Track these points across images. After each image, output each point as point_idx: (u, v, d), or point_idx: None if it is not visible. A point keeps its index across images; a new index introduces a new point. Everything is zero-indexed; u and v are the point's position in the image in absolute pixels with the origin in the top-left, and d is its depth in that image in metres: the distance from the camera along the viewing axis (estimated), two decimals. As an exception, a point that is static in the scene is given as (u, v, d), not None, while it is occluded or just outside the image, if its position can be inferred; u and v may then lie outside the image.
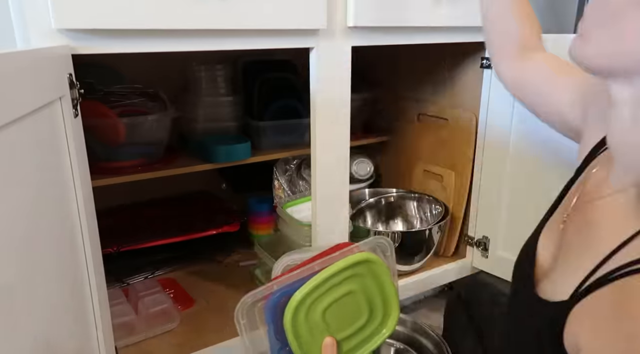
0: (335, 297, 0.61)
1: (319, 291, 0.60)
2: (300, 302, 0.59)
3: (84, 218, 0.58)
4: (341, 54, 0.81)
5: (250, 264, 1.13)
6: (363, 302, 0.63)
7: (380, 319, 0.65)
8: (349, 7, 0.78)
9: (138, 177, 0.97)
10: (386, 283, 0.64)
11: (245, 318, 0.61)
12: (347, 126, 0.86)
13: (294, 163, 1.23)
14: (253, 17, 0.69)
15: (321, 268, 0.60)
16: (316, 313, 0.60)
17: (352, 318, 0.63)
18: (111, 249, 1.02)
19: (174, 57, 1.13)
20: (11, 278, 0.40)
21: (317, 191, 0.86)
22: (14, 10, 0.59)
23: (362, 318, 0.63)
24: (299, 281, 0.60)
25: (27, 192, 0.44)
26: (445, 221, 1.10)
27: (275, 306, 0.60)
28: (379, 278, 0.63)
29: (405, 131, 1.30)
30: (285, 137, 1.15)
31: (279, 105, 1.14)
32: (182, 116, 1.07)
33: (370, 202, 1.26)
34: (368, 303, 0.63)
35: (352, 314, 0.63)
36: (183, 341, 0.87)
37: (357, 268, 0.61)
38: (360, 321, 0.63)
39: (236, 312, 0.61)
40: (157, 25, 0.62)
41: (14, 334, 0.40)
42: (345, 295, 0.62)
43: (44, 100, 0.48)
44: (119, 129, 0.95)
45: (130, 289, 1.00)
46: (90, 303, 0.61)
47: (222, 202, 1.27)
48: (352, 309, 0.63)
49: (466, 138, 1.10)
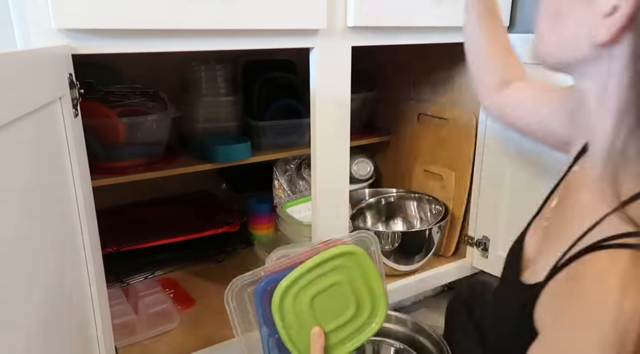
0: (322, 287, 0.62)
1: (306, 279, 0.61)
2: (286, 288, 0.60)
3: (84, 218, 0.58)
4: (341, 54, 0.81)
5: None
6: (350, 294, 0.64)
7: (369, 312, 0.66)
8: (349, 7, 0.78)
9: (138, 177, 0.97)
10: (372, 276, 0.65)
11: (234, 301, 0.63)
12: (347, 126, 0.86)
13: (294, 163, 1.23)
14: (253, 17, 0.69)
15: (306, 259, 0.62)
16: (303, 303, 0.62)
17: (339, 310, 0.64)
18: (111, 249, 1.02)
19: (174, 57, 1.14)
20: (11, 278, 0.40)
21: (317, 191, 0.86)
22: (14, 10, 0.59)
23: (349, 310, 0.64)
24: (287, 270, 0.62)
25: (27, 192, 0.44)
26: (446, 221, 1.10)
27: (263, 292, 0.61)
28: (365, 270, 0.64)
29: (405, 131, 1.30)
30: (285, 137, 1.15)
31: (279, 105, 1.14)
32: (182, 116, 1.07)
33: (370, 202, 1.26)
34: (355, 295, 0.64)
35: (340, 305, 0.64)
36: (183, 341, 0.87)
37: (342, 259, 0.63)
38: (347, 313, 0.64)
39: (226, 294, 0.63)
40: (157, 25, 0.62)
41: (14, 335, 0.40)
42: (332, 286, 0.63)
43: (44, 100, 0.48)
44: (119, 129, 0.95)
45: (130, 289, 1.00)
46: (90, 303, 0.61)
47: (222, 202, 1.27)
48: (339, 301, 0.64)
49: (466, 138, 1.10)
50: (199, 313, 0.97)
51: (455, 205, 1.15)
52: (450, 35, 0.92)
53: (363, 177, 1.33)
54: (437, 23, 0.88)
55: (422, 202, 1.23)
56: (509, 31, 0.99)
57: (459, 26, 0.91)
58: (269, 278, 0.62)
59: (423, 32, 0.89)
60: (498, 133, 1.01)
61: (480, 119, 1.05)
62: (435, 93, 1.20)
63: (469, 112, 1.09)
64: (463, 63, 1.10)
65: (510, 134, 0.98)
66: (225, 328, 0.90)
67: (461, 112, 1.12)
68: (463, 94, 1.12)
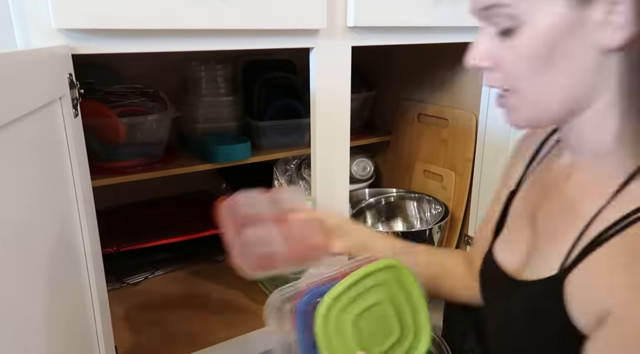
0: (364, 307, 0.55)
1: (349, 296, 0.54)
2: (332, 301, 0.52)
3: (84, 218, 0.58)
4: (341, 54, 0.81)
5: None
6: (392, 315, 0.56)
7: (412, 337, 0.57)
8: (349, 7, 0.78)
9: (138, 177, 0.97)
10: (415, 294, 0.57)
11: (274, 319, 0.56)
12: (347, 126, 0.86)
13: (294, 163, 1.23)
14: (253, 17, 0.69)
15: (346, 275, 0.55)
16: (348, 323, 0.54)
17: (383, 333, 0.56)
18: (111, 249, 1.02)
19: (174, 57, 1.14)
20: (10, 278, 0.40)
21: (317, 191, 0.86)
22: (14, 10, 0.59)
23: (393, 334, 0.56)
24: (328, 284, 0.54)
25: (26, 192, 0.44)
26: (445, 221, 1.10)
27: (305, 308, 0.53)
28: (406, 287, 0.57)
29: (405, 131, 1.30)
30: (285, 137, 1.15)
31: (279, 105, 1.14)
32: (182, 116, 1.07)
33: (370, 202, 1.26)
34: (398, 316, 0.57)
35: (383, 328, 0.56)
36: (183, 341, 0.87)
37: (381, 274, 0.55)
38: (392, 338, 0.56)
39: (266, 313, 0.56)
40: (157, 25, 0.62)
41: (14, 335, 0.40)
42: (374, 305, 0.55)
43: (44, 100, 0.48)
44: (119, 129, 0.95)
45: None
46: (90, 303, 0.61)
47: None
48: (382, 323, 0.56)
49: (466, 138, 1.10)
50: (199, 313, 0.96)
51: (455, 205, 1.15)
52: (450, 35, 0.92)
53: (363, 177, 1.33)
54: (437, 23, 0.88)
55: (422, 202, 1.23)
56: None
57: (459, 26, 0.91)
58: (312, 291, 0.53)
59: (423, 32, 0.89)
60: (498, 133, 1.01)
61: (480, 119, 1.05)
62: (435, 93, 1.20)
63: (469, 112, 1.09)
64: (463, 63, 1.11)
65: (510, 135, 0.98)
66: (224, 328, 0.91)
67: (461, 112, 1.12)
68: (463, 94, 1.12)
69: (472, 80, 1.07)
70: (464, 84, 1.11)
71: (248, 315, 0.95)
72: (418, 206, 1.25)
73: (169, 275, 1.10)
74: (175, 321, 0.94)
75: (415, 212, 1.25)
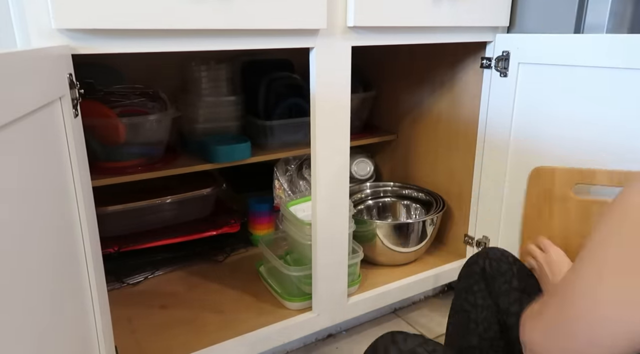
0: None
1: None
2: None
3: (84, 218, 0.58)
4: (341, 54, 0.81)
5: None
6: None
7: None
8: (349, 7, 0.78)
9: (138, 177, 0.97)
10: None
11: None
12: (347, 126, 0.86)
13: (295, 163, 1.23)
14: (253, 17, 0.69)
15: None
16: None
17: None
18: (111, 249, 1.02)
19: (174, 57, 1.14)
20: (10, 278, 0.40)
21: (318, 190, 0.86)
22: (14, 10, 0.59)
23: None
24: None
25: (26, 192, 0.44)
26: (440, 213, 1.12)
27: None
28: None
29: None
30: (292, 135, 1.15)
31: (287, 104, 1.14)
32: (182, 116, 1.07)
33: (369, 195, 1.28)
34: None
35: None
36: (183, 341, 0.87)
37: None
38: None
39: None
40: (157, 25, 0.62)
41: (14, 335, 0.40)
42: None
43: (44, 100, 0.48)
44: (119, 129, 0.95)
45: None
46: (90, 303, 0.61)
47: (222, 202, 1.27)
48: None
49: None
50: (199, 312, 0.97)
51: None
52: (450, 35, 0.92)
53: (363, 177, 1.33)
54: (437, 23, 0.88)
55: (418, 197, 1.26)
56: (509, 31, 0.99)
57: (459, 26, 0.91)
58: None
59: (423, 32, 0.89)
60: (498, 133, 1.01)
61: (480, 119, 1.05)
62: (435, 93, 1.20)
63: (469, 112, 1.09)
64: (463, 63, 1.11)
65: (510, 135, 0.98)
66: (224, 328, 0.91)
67: (461, 112, 1.12)
68: (463, 94, 1.12)
69: (472, 81, 1.07)
70: (464, 84, 1.11)
71: (248, 315, 0.95)
72: (414, 201, 1.27)
73: (169, 275, 1.11)
74: (175, 321, 0.94)
75: (412, 206, 1.27)
